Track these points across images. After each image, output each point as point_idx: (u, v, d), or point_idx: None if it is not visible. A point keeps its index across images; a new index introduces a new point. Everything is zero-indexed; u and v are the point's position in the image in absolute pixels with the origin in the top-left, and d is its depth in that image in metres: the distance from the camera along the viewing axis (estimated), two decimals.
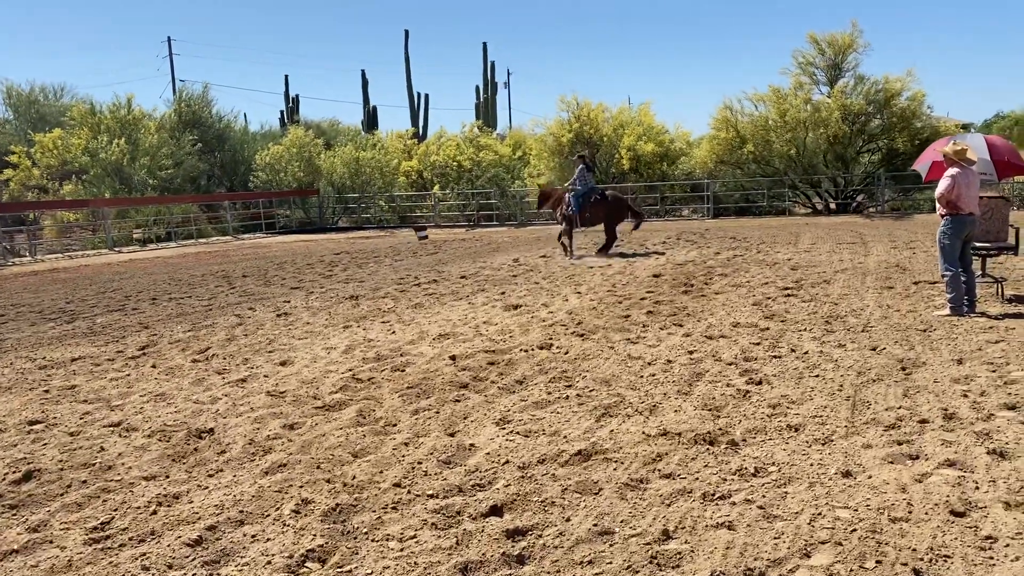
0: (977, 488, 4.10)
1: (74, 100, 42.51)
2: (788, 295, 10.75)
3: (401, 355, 7.97)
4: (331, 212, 33.42)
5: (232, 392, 6.75)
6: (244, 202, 32.43)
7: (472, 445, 5.07)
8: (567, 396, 6.14)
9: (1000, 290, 9.82)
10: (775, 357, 7.21)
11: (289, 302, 12.31)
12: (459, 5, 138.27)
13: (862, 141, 27.11)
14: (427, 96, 50.12)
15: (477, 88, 48.64)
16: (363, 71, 55.52)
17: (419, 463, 4.78)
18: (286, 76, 60.48)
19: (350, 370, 7.38)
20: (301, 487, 4.48)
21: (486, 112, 47.60)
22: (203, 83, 46.38)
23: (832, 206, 27.89)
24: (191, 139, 32.13)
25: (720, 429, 5.18)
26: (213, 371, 7.64)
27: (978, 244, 9.71)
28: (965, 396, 5.72)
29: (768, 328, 8.56)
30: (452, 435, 5.34)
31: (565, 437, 5.17)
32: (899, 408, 5.49)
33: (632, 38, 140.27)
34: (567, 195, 17.33)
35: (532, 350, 7.96)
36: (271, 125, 50.55)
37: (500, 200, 30.89)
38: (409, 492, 4.33)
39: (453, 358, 7.72)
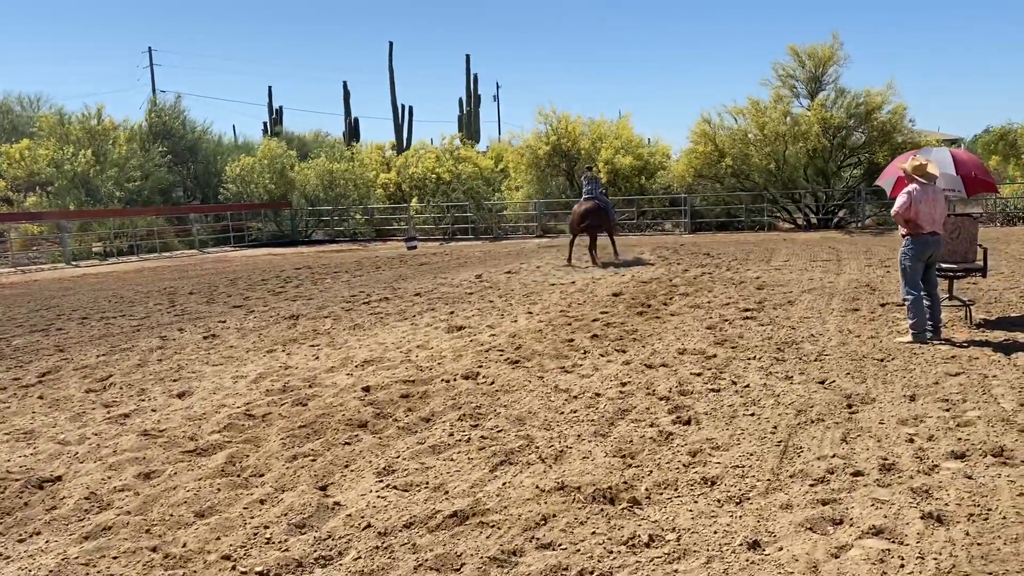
0: (902, 567, 3.45)
1: (51, 110, 41.78)
2: (747, 317, 10.13)
3: (311, 386, 7.30)
4: (304, 225, 32.73)
5: (106, 431, 6.07)
6: (217, 215, 31.73)
7: (337, 503, 4.40)
8: (469, 438, 5.47)
9: (968, 314, 9.21)
10: (713, 391, 6.56)
11: (225, 322, 11.63)
12: (443, 17, 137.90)
13: (843, 155, 26.59)
14: (411, 108, 49.37)
15: (460, 100, 48.09)
16: (344, 82, 54.92)
17: (266, 527, 4.11)
18: (269, 87, 60.23)
19: (247, 404, 6.70)
20: (115, 558, 3.81)
21: (469, 125, 47.01)
22: (175, 93, 45.70)
23: (813, 221, 27.34)
24: (161, 150, 31.43)
25: (626, 483, 4.53)
26: (100, 404, 6.96)
27: (944, 265, 9.11)
28: (910, 441, 5.08)
29: (715, 356, 7.93)
30: (323, 488, 4.67)
31: (447, 492, 4.50)
32: (833, 457, 4.84)
33: (619, 51, 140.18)
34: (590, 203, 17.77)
35: (455, 380, 7.31)
36: (251, 137, 49.96)
37: (476, 213, 30.27)
38: (235, 568, 3.65)
39: (367, 389, 7.07)
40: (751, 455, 4.93)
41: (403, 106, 50.51)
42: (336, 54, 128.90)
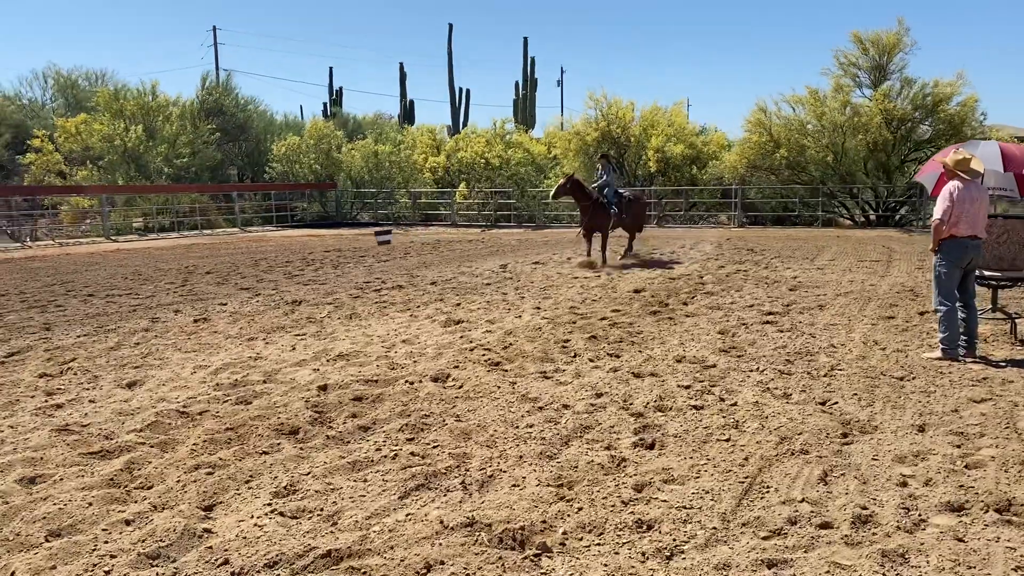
0: None
1: (117, 87, 42.45)
2: (767, 322, 9.30)
3: (266, 381, 6.79)
4: (349, 207, 32.50)
5: (25, 423, 5.64)
6: (264, 193, 31.73)
7: (209, 530, 3.84)
8: (397, 455, 4.86)
9: (1014, 329, 8.22)
10: (694, 408, 5.83)
11: (225, 305, 11.26)
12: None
13: (907, 149, 25.08)
14: (468, 91, 49.06)
15: (516, 84, 47.36)
16: (401, 64, 54.78)
17: (113, 556, 3.58)
18: (330, 68, 60.24)
19: (189, 399, 6.22)
20: None
21: (524, 109, 46.28)
22: (227, 71, 46.01)
23: (871, 218, 25.93)
24: (210, 127, 31.51)
25: (545, 522, 3.87)
26: (42, 392, 6.56)
27: (987, 273, 8.14)
28: (902, 485, 4.30)
29: (714, 366, 7.16)
30: (208, 508, 4.13)
31: (336, 524, 3.91)
32: (802, 501, 4.09)
33: (682, 39, 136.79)
34: (599, 191, 15.69)
35: (421, 382, 6.71)
36: (303, 117, 49.98)
37: (520, 200, 29.60)
38: None
39: (323, 388, 6.53)
40: (706, 493, 4.21)
41: (460, 89, 50.17)
42: (395, 35, 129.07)
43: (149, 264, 17.10)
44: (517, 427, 5.43)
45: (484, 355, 7.69)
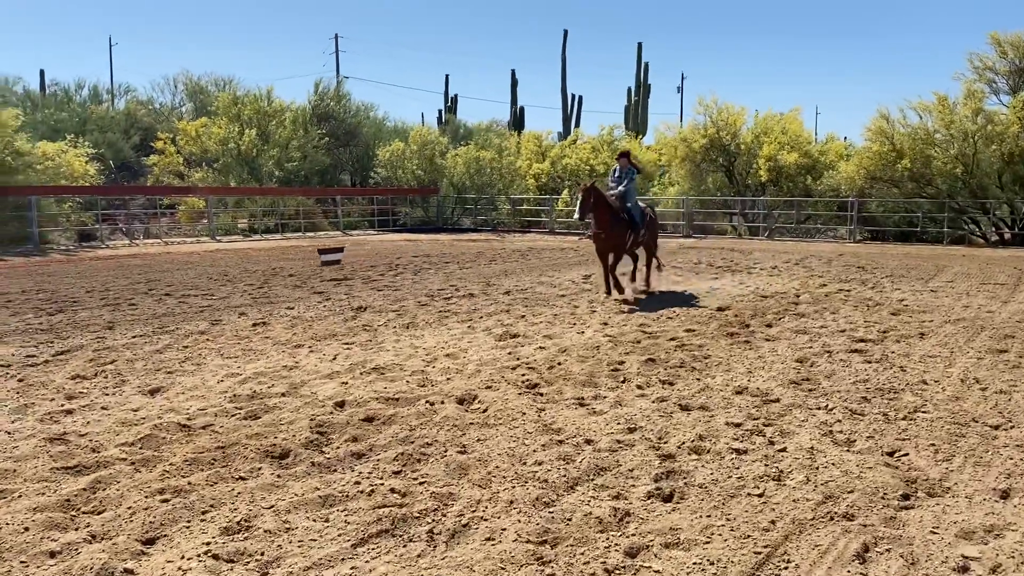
0: None
1: (236, 92, 44.09)
2: (855, 351, 8.33)
3: (285, 394, 6.45)
4: (451, 212, 32.51)
5: (25, 429, 5.48)
6: (369, 197, 32.14)
7: (129, 572, 3.44)
8: (374, 490, 4.37)
9: None
10: (736, 451, 5.08)
11: (292, 308, 11.14)
12: (619, 3, 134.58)
13: None
14: (580, 98, 48.35)
15: (629, 90, 46.41)
16: (512, 71, 54.60)
17: None
18: (446, 76, 60.78)
19: (199, 410, 5.94)
20: None
21: (635, 116, 45.29)
22: (339, 78, 47.05)
23: (1006, 236, 23.74)
24: (319, 132, 32.18)
25: None
26: (64, 395, 6.44)
27: None
28: (961, 571, 3.47)
29: (777, 400, 6.35)
30: (148, 543, 3.75)
31: (266, 575, 3.44)
32: None
33: (803, 42, 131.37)
34: (620, 201, 12.11)
35: (443, 402, 6.21)
36: (424, 124, 50.61)
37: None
38: None
39: (340, 405, 6.14)
40: (710, 565, 3.51)
41: (573, 96, 49.64)
42: (507, 42, 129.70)
43: (239, 265, 17.37)
44: (523, 464, 4.84)
45: (523, 375, 7.12)
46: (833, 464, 4.83)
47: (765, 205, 27.03)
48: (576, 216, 11.76)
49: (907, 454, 5.04)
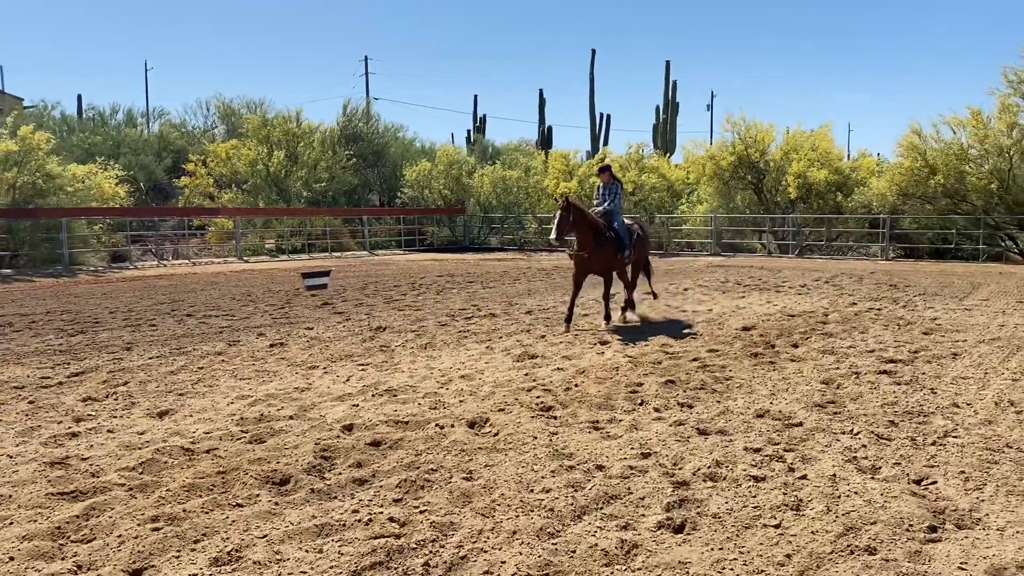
0: None
1: (266, 114, 44.53)
2: (884, 371, 8.04)
3: (293, 417, 6.33)
4: (478, 232, 32.48)
5: (27, 453, 5.42)
6: (396, 217, 32.24)
7: None
8: (371, 519, 4.21)
9: None
10: (754, 479, 4.85)
11: (311, 329, 11.07)
12: (647, 24, 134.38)
13: None
14: (608, 116, 48.32)
15: (657, 108, 46.22)
16: (540, 90, 54.60)
17: None
18: (475, 96, 61.13)
19: (205, 434, 5.85)
20: None
21: (664, 134, 45.06)
22: (368, 99, 47.39)
23: None
24: (347, 153, 32.37)
25: None
26: (72, 418, 6.39)
27: None
28: None
29: (800, 424, 6.11)
30: (134, 574, 3.62)
31: None
32: None
33: (834, 59, 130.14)
34: (604, 220, 11.02)
35: (454, 426, 6.05)
36: (454, 144, 50.77)
37: (649, 226, 28.53)
38: None
39: (348, 428, 6.01)
40: None
41: (601, 114, 49.59)
42: (536, 61, 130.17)
43: (263, 285, 17.40)
44: (531, 491, 4.66)
45: (538, 398, 6.95)
46: (856, 493, 4.60)
47: (795, 223, 26.64)
48: (553, 236, 10.42)
49: (935, 482, 4.79)
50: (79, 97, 57.96)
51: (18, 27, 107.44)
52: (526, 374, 8.05)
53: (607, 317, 11.22)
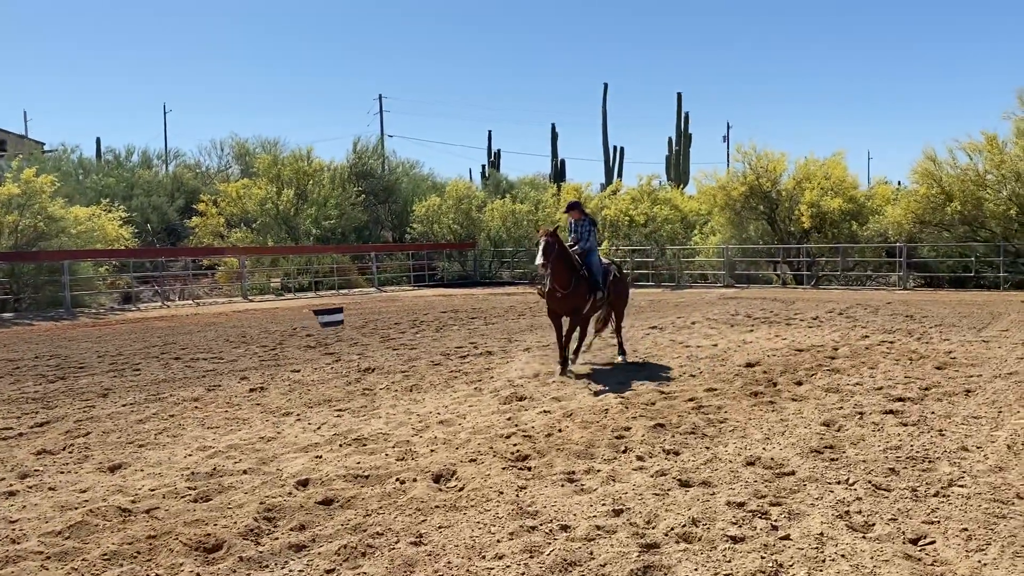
0: None
1: (287, 153, 44.59)
2: (889, 411, 7.55)
3: (247, 472, 5.94)
4: (488, 266, 32.18)
5: None
6: (407, 253, 32.04)
7: None
8: None
9: None
10: (731, 539, 4.39)
11: (297, 371, 10.73)
12: (658, 58, 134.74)
13: None
14: (622, 149, 48.13)
15: (669, 140, 45.97)
16: (552, 124, 54.70)
17: None
18: (489, 131, 61.25)
19: (151, 491, 5.47)
20: None
21: (677, 165, 44.75)
22: (382, 136, 47.55)
23: None
24: (357, 190, 32.30)
25: None
26: (16, 474, 6.04)
27: None
28: None
29: (792, 473, 5.64)
30: None
31: None
32: None
33: (845, 87, 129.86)
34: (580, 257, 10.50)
35: (416, 480, 5.64)
36: (472, 180, 50.75)
37: (658, 259, 28.12)
38: None
39: (303, 484, 5.62)
40: None
41: (614, 147, 49.44)
42: (549, 96, 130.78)
43: (261, 325, 17.11)
44: (482, 558, 4.23)
45: (515, 445, 6.52)
46: (843, 556, 4.12)
47: (809, 252, 26.10)
48: (539, 262, 9.75)
49: (933, 541, 4.30)
50: (98, 140, 58.84)
51: (41, 73, 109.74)
52: (509, 418, 7.62)
53: (565, 364, 10.22)
